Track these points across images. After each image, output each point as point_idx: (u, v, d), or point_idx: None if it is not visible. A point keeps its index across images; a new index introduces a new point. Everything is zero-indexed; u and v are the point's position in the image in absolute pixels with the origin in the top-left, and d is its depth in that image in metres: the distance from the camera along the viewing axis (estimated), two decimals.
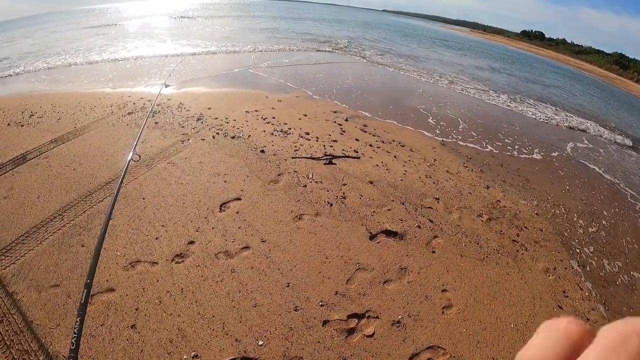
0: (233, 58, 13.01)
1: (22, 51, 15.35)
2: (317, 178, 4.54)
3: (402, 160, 5.45)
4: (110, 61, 12.23)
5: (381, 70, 12.42)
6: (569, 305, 3.28)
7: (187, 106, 6.83)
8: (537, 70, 21.33)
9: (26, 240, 3.26)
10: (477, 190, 4.95)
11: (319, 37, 20.14)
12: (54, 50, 15.14)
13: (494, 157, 6.40)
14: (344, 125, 6.52)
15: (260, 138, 5.56)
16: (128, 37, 19.40)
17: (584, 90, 18.88)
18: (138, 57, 13.01)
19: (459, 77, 13.30)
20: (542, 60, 40.35)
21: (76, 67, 11.44)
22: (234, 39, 18.66)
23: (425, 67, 14.18)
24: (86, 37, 19.56)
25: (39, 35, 23.15)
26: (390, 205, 4.19)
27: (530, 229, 4.31)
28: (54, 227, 3.44)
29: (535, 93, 12.71)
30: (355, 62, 13.62)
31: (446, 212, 4.29)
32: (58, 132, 5.59)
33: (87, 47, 15.64)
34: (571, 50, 70.30)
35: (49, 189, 4.06)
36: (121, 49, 14.80)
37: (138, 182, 4.17)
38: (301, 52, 14.79)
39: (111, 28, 25.04)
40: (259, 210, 3.81)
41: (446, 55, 20.22)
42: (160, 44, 16.24)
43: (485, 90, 11.49)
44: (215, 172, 4.45)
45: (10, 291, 2.71)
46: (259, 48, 15.04)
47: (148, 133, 5.51)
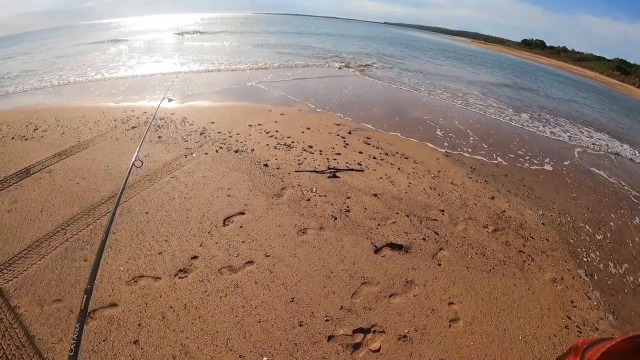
0: (236, 73, 13.18)
1: (27, 67, 15.61)
2: (321, 191, 4.57)
3: (406, 172, 5.48)
4: (113, 76, 12.42)
5: (384, 85, 12.48)
6: (577, 316, 3.26)
7: (191, 120, 6.92)
8: (541, 79, 21.41)
9: (29, 254, 3.27)
10: (482, 201, 4.97)
11: (324, 54, 20.32)
12: (58, 65, 15.41)
13: (498, 167, 6.42)
14: (347, 138, 6.58)
15: (264, 152, 5.61)
16: (132, 52, 19.70)
17: (586, 97, 18.94)
18: (141, 72, 13.19)
19: (466, 90, 13.36)
20: (545, 69, 40.49)
21: (80, 82, 11.61)
22: (237, 54, 18.92)
23: (429, 81, 14.23)
24: (90, 52, 19.88)
25: (43, 50, 23.57)
26: (395, 218, 4.21)
27: (536, 239, 4.31)
28: (56, 241, 3.46)
29: (543, 105, 12.71)
30: (358, 77, 13.70)
31: (451, 223, 4.30)
32: (62, 146, 5.66)
33: (91, 62, 15.91)
34: (572, 58, 70.73)
35: (52, 202, 4.09)
36: (124, 65, 15.00)
37: (141, 196, 4.21)
38: (304, 67, 14.93)
39: (115, 44, 25.42)
40: (262, 224, 3.83)
41: (447, 66, 20.37)
42: (164, 59, 16.48)
43: (493, 105, 11.51)
44: (218, 187, 4.48)
45: (13, 305, 2.72)
46: (262, 63, 15.22)
47: (151, 147, 5.57)
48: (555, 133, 9.26)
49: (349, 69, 15.06)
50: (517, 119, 9.80)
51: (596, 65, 60.20)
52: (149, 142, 5.79)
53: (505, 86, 15.66)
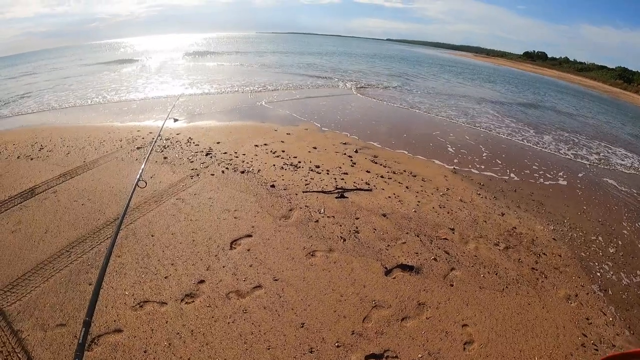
0: (241, 92, 13.35)
1: (33, 87, 15.86)
2: (329, 212, 4.55)
3: (414, 190, 5.46)
4: (119, 96, 12.59)
5: (388, 103, 12.55)
6: (593, 333, 3.19)
7: (196, 141, 6.97)
8: (549, 94, 21.34)
9: (33, 277, 3.26)
10: (492, 218, 4.92)
11: (328, 73, 20.53)
12: (63, 86, 15.65)
13: (507, 182, 6.38)
14: (354, 157, 6.59)
15: (270, 172, 5.63)
16: (139, 73, 20.00)
17: (588, 107, 18.85)
18: (145, 92, 13.37)
19: (471, 106, 13.37)
20: (549, 81, 40.52)
21: (86, 102, 11.77)
22: (242, 74, 19.17)
23: (431, 100, 14.29)
24: (96, 73, 20.21)
25: (49, 70, 23.98)
26: (405, 238, 4.17)
27: (548, 255, 4.26)
28: (61, 263, 3.45)
29: (554, 122, 12.65)
30: (362, 96, 13.78)
31: (462, 242, 4.25)
32: (67, 167, 5.70)
33: (98, 83, 16.16)
34: (574, 68, 70.79)
35: (56, 224, 4.10)
36: (130, 85, 15.20)
37: (147, 218, 4.21)
38: (309, 86, 15.09)
39: (121, 64, 25.83)
40: (270, 247, 3.80)
41: (447, 80, 20.38)
42: (171, 80, 16.72)
43: (502, 122, 11.49)
44: (225, 208, 4.48)
45: (16, 329, 2.69)
46: (267, 82, 15.42)
47: (157, 168, 5.61)
48: (578, 155, 9.14)
49: (352, 87, 15.14)
50: (532, 138, 9.69)
51: (598, 75, 60.32)
52: (155, 162, 5.83)
53: (517, 103, 15.62)
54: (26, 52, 69.89)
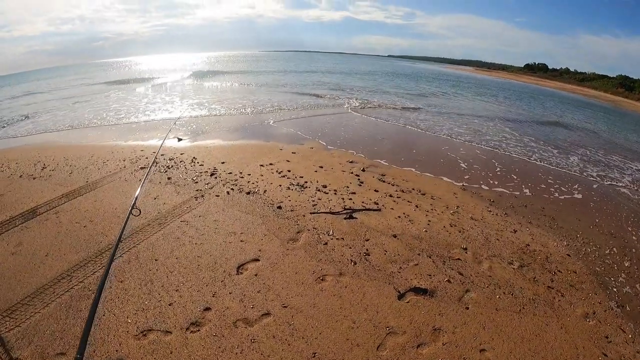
0: (246, 111, 13.44)
1: (41, 107, 16.05)
2: (338, 234, 4.46)
3: (424, 209, 5.37)
4: (123, 115, 12.67)
5: (393, 121, 12.52)
6: (613, 351, 3.07)
7: (201, 160, 6.95)
8: (558, 106, 21.10)
9: (32, 302, 3.19)
10: (504, 236, 4.82)
11: (333, 92, 20.65)
12: (69, 105, 15.81)
13: (517, 198, 6.28)
14: (362, 176, 6.52)
15: (277, 193, 5.56)
16: (143, 92, 20.21)
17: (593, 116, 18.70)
18: (150, 112, 13.46)
19: (471, 121, 13.29)
20: (552, 92, 40.59)
21: (91, 120, 11.86)
22: (246, 92, 19.32)
23: (435, 118, 14.24)
24: (101, 92, 20.45)
25: (55, 88, 24.28)
26: (417, 260, 4.06)
27: (563, 272, 4.14)
28: (61, 288, 3.37)
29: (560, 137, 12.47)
30: (367, 114, 13.77)
31: (475, 262, 4.14)
32: (69, 187, 5.68)
33: (102, 102, 16.33)
34: (575, 79, 70.78)
35: (58, 246, 4.04)
36: (132, 105, 15.34)
37: (150, 242, 4.13)
38: (314, 104, 15.17)
39: (125, 84, 26.14)
40: (278, 271, 3.70)
41: (444, 93, 20.30)
42: (175, 99, 16.86)
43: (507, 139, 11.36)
44: (231, 231, 4.40)
45: (14, 357, 2.62)
46: (272, 101, 15.55)
47: (161, 189, 5.57)
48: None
49: (356, 105, 15.16)
50: (553, 159, 9.54)
51: (600, 84, 60.47)
52: (159, 183, 5.80)
53: (531, 120, 15.45)
54: (32, 70, 71.17)
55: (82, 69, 59.54)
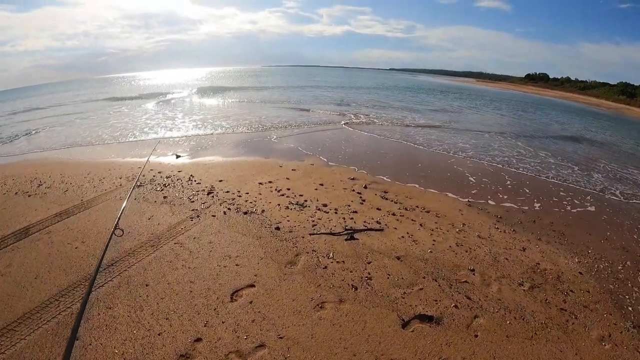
0: (247, 127, 13.41)
1: (45, 122, 16.15)
2: (339, 257, 4.28)
3: (428, 228, 5.19)
4: (123, 131, 12.67)
5: (396, 137, 12.37)
6: None
7: (198, 178, 6.84)
8: (568, 116, 20.75)
9: (18, 327, 3.06)
10: (513, 255, 4.62)
11: (335, 108, 20.65)
12: (70, 119, 15.86)
13: (525, 213, 6.09)
14: (364, 194, 6.37)
15: (275, 213, 5.40)
16: (145, 108, 20.29)
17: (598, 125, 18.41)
18: (149, 127, 13.45)
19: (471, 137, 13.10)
20: (556, 102, 40.54)
21: (91, 137, 11.89)
22: (249, 108, 19.35)
23: (435, 134, 14.08)
24: (104, 108, 20.56)
25: (57, 104, 24.45)
26: (422, 284, 3.87)
27: (576, 292, 3.95)
28: (49, 314, 3.24)
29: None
30: (369, 129, 13.66)
31: (484, 284, 3.94)
32: (63, 205, 5.62)
33: (104, 118, 16.39)
34: (577, 87, 70.94)
35: (47, 269, 3.93)
36: (132, 121, 15.37)
37: (142, 265, 3.98)
38: (316, 121, 15.13)
39: (128, 101, 26.32)
40: (274, 299, 3.51)
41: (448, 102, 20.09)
42: (176, 114, 16.90)
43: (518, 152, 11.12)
44: (226, 254, 4.23)
45: None
46: (273, 117, 15.57)
47: (156, 209, 5.46)
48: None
49: (358, 120, 15.08)
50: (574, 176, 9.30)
51: (601, 92, 60.57)
52: (154, 202, 5.69)
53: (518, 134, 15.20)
54: (37, 85, 72.16)
55: (86, 84, 60.27)
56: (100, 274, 3.79)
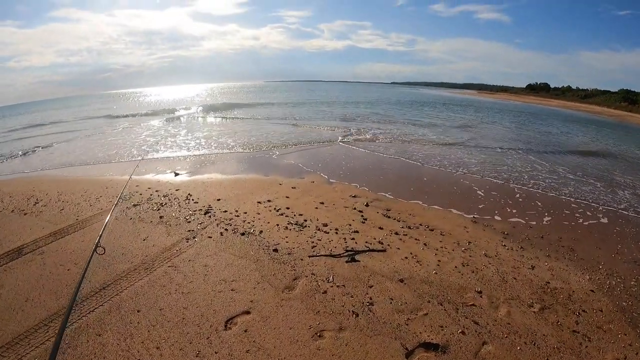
0: (248, 144, 13.43)
1: (49, 139, 16.23)
2: (339, 280, 4.12)
3: (433, 247, 5.03)
4: (125, 148, 12.68)
5: (399, 151, 12.26)
6: None
7: (196, 197, 6.74)
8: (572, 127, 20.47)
9: (6, 354, 2.96)
10: (522, 274, 4.46)
11: (337, 124, 20.66)
12: (74, 136, 15.92)
13: (532, 229, 5.94)
14: (365, 212, 6.23)
15: (273, 233, 5.27)
16: (147, 125, 20.38)
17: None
18: (149, 144, 13.45)
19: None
20: (558, 112, 40.59)
21: (92, 155, 11.86)
22: (248, 126, 19.42)
23: (436, 150, 13.97)
24: (106, 125, 20.66)
25: (62, 119, 24.61)
26: (427, 308, 3.70)
27: (589, 312, 3.78)
28: (37, 340, 3.13)
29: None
30: (372, 145, 13.56)
31: (492, 307, 3.77)
32: (58, 224, 5.55)
33: (108, 134, 16.43)
34: (578, 96, 71.66)
35: (39, 291, 3.82)
36: (132, 139, 15.41)
37: (134, 289, 3.84)
38: (318, 138, 15.13)
39: (131, 118, 26.48)
40: (271, 327, 3.35)
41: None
42: (179, 131, 16.95)
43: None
44: (221, 278, 4.08)
45: None
46: (275, 133, 15.59)
47: (152, 229, 5.35)
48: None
49: (360, 136, 15.02)
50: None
51: (603, 100, 61.20)
52: (150, 222, 5.60)
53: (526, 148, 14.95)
54: (40, 100, 73.04)
55: (90, 100, 60.93)
56: (91, 298, 3.68)
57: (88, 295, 3.72)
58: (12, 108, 56.71)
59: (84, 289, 3.81)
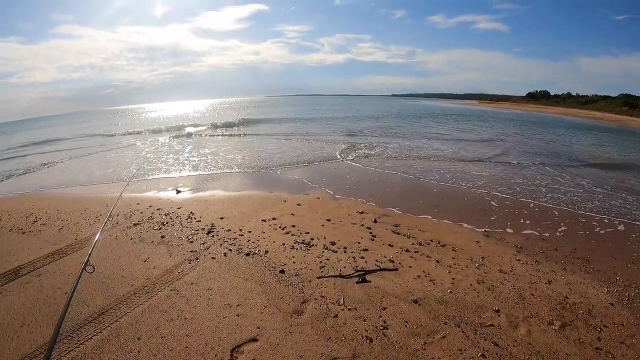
0: (249, 160, 13.34)
1: (58, 156, 16.24)
2: (350, 303, 3.92)
3: (445, 264, 4.83)
4: (125, 165, 12.62)
5: (402, 163, 12.09)
6: None
7: (198, 216, 6.60)
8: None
9: None
10: (539, 289, 4.26)
11: (339, 136, 20.62)
12: (79, 154, 15.92)
13: (545, 241, 5.75)
14: (374, 229, 6.05)
15: (279, 254, 5.08)
16: (152, 141, 20.41)
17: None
18: (148, 161, 13.39)
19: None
20: (560, 119, 40.57)
21: (93, 174, 11.77)
22: (248, 142, 19.40)
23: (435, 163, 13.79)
24: (107, 144, 20.71)
25: (57, 138, 24.69)
26: (444, 331, 3.49)
27: (610, 327, 3.58)
28: None
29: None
30: (376, 161, 13.41)
31: (511, 327, 3.56)
32: (57, 244, 5.45)
33: (111, 151, 16.42)
34: (578, 102, 71.87)
35: (35, 316, 3.68)
36: (132, 156, 15.38)
37: (135, 315, 3.66)
38: (319, 151, 15.07)
39: (133, 136, 26.56)
40: (279, 355, 3.15)
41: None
42: (184, 147, 16.93)
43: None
44: (226, 303, 3.88)
45: None
46: (277, 150, 15.51)
47: (153, 250, 5.19)
48: None
49: (365, 151, 14.90)
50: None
51: (603, 105, 61.15)
52: (151, 243, 5.45)
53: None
54: (43, 116, 73.74)
55: (92, 116, 61.38)
56: (89, 325, 3.51)
57: (86, 321, 3.55)
58: (17, 124, 57.36)
59: (81, 315, 3.65)
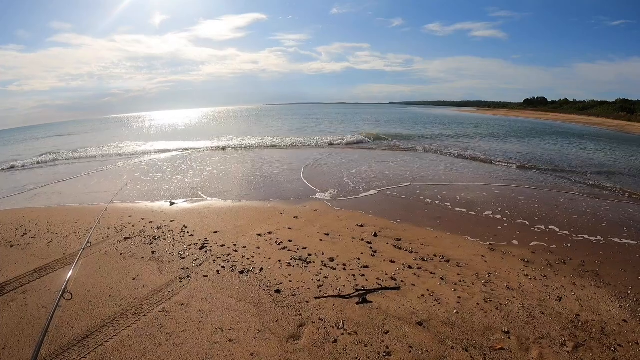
0: (246, 169, 13.22)
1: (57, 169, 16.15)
2: (350, 327, 3.70)
3: (450, 282, 4.62)
4: (120, 175, 12.49)
5: (404, 168, 11.93)
6: None
7: (191, 230, 6.40)
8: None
9: None
10: (549, 307, 4.06)
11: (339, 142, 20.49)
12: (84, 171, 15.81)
13: (552, 253, 5.57)
14: (374, 243, 5.84)
15: (275, 271, 4.86)
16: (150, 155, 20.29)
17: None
18: (146, 172, 13.24)
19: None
20: (559, 125, 40.48)
21: (89, 181, 11.61)
22: (251, 153, 19.29)
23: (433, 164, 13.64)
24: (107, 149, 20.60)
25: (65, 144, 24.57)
26: (451, 356, 3.28)
27: (625, 346, 3.39)
28: None
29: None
30: (377, 165, 13.27)
31: (522, 349, 3.35)
32: (45, 259, 5.28)
33: (114, 165, 16.29)
34: (576, 108, 72.04)
35: (17, 337, 3.50)
36: (129, 168, 15.26)
37: (120, 339, 3.45)
38: (317, 160, 14.99)
39: (131, 143, 26.43)
40: None
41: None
42: (188, 163, 16.78)
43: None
44: (218, 327, 3.66)
45: None
46: (278, 159, 15.43)
47: (143, 266, 4.99)
48: None
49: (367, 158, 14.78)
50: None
51: (601, 111, 61.37)
52: (141, 258, 5.25)
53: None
54: (42, 124, 73.72)
55: (90, 125, 61.26)
56: (73, 348, 3.31)
57: (70, 345, 3.35)
58: (16, 132, 57.27)
59: (66, 337, 3.45)
